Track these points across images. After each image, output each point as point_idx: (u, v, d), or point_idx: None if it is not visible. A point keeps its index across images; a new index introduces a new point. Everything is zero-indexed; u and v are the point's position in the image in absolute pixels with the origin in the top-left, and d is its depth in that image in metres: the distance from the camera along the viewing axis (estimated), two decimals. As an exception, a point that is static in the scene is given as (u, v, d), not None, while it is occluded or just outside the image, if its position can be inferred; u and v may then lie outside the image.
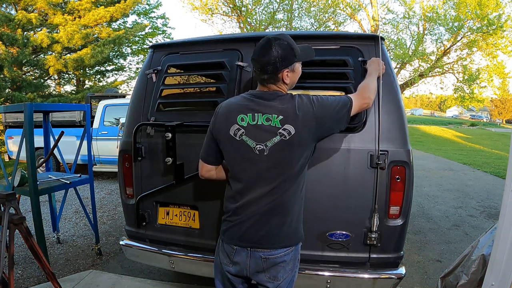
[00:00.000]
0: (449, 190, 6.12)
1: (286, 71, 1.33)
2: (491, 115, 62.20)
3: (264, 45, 1.31)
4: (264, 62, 1.31)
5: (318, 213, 1.82)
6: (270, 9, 16.73)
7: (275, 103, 1.31)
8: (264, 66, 1.31)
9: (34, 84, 11.18)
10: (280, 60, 1.30)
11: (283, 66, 1.31)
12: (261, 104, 1.32)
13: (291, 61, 1.33)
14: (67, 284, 2.56)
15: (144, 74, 2.15)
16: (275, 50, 1.29)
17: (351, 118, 1.43)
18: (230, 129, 1.32)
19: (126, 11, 12.55)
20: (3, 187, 2.72)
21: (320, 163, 1.80)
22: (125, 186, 2.20)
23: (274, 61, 1.30)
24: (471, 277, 1.88)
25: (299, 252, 1.45)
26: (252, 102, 1.34)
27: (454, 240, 3.70)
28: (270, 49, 1.29)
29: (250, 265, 1.36)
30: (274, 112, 1.29)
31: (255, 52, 1.34)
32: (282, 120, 1.28)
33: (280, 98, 1.33)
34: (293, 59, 1.33)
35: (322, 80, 2.10)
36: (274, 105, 1.31)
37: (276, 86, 1.36)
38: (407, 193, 1.77)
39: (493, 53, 14.33)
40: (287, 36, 1.35)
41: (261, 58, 1.31)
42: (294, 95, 1.35)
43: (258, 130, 1.29)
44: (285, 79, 1.34)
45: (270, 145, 1.29)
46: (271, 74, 1.32)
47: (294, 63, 1.35)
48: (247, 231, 1.34)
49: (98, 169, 6.32)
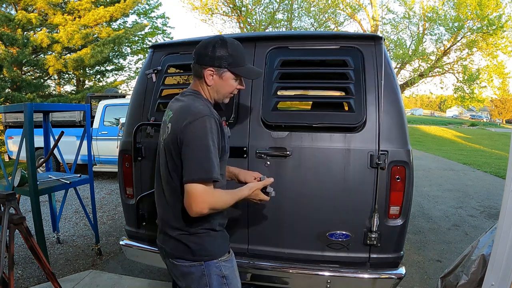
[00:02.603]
0: (449, 190, 6.12)
1: (211, 71, 1.25)
2: (491, 115, 62.19)
3: (210, 38, 1.27)
4: (197, 50, 1.27)
5: (318, 213, 1.82)
6: (270, 9, 16.73)
7: (181, 98, 1.30)
8: (194, 54, 1.28)
9: (34, 84, 11.17)
10: (210, 56, 1.23)
11: (210, 63, 1.23)
12: (174, 100, 1.34)
13: (221, 64, 1.23)
14: (67, 284, 2.56)
15: (144, 74, 2.15)
16: (214, 45, 1.23)
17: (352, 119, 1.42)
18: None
19: (126, 11, 12.54)
20: (3, 187, 2.72)
21: (320, 163, 1.80)
22: (125, 186, 2.20)
23: (204, 53, 1.24)
24: (471, 277, 1.88)
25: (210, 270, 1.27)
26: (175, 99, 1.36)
27: (454, 240, 3.70)
28: (211, 43, 1.25)
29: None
30: (171, 108, 1.30)
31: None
32: (172, 117, 1.25)
33: (188, 96, 1.29)
34: (224, 64, 1.24)
35: (322, 80, 2.11)
36: (178, 101, 1.30)
37: (198, 83, 1.30)
38: (407, 193, 1.77)
39: (493, 53, 14.33)
40: (238, 45, 1.27)
41: (198, 46, 1.28)
42: (197, 98, 1.27)
43: (163, 125, 1.33)
44: (207, 78, 1.25)
45: (164, 137, 1.27)
46: (196, 65, 1.27)
47: (224, 69, 1.25)
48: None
49: (98, 169, 6.32)
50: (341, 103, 2.22)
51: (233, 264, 1.36)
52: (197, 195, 1.12)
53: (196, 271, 1.28)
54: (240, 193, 1.27)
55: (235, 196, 1.25)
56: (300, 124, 1.86)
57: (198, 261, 1.27)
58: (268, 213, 1.89)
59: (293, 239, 1.89)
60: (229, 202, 1.22)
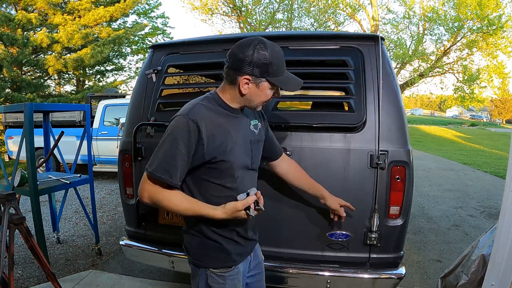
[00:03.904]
0: (449, 190, 6.12)
1: (247, 79, 1.12)
2: (491, 115, 62.18)
3: (249, 40, 1.12)
4: (232, 52, 1.13)
5: (318, 213, 1.82)
6: (270, 9, 16.74)
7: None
8: (229, 56, 1.14)
9: (33, 84, 11.17)
10: (249, 61, 1.09)
11: (247, 71, 1.10)
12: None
13: (259, 73, 1.10)
14: (67, 284, 2.56)
15: (144, 74, 2.15)
16: (254, 49, 1.09)
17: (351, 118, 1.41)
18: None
19: (126, 11, 12.54)
20: (3, 187, 2.72)
21: (320, 163, 1.80)
22: (125, 186, 2.20)
23: (241, 57, 1.10)
24: (471, 277, 1.87)
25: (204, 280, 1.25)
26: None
27: (454, 240, 3.70)
28: (250, 45, 1.10)
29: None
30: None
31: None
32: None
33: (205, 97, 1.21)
34: (263, 73, 1.10)
35: (322, 80, 2.11)
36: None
37: (227, 88, 1.18)
38: (407, 193, 1.77)
39: (493, 53, 14.33)
40: (279, 51, 1.13)
41: (234, 47, 1.14)
42: (203, 97, 1.20)
43: None
44: (242, 87, 1.13)
45: None
46: (230, 70, 1.14)
47: (262, 79, 1.12)
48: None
49: (98, 169, 6.32)
50: (341, 103, 2.22)
51: (227, 283, 1.23)
52: (141, 182, 1.16)
53: (192, 267, 1.30)
54: (206, 210, 1.14)
55: (196, 209, 1.14)
56: (300, 124, 1.86)
57: (190, 260, 1.29)
58: (268, 213, 1.89)
59: (293, 239, 1.89)
60: (181, 209, 1.14)
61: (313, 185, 1.56)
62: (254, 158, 1.29)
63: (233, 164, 1.19)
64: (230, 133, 1.18)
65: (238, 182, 1.22)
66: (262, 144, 1.36)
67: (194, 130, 1.10)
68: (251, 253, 1.37)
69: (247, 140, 1.25)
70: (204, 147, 1.12)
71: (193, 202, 1.16)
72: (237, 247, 1.27)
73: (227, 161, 1.17)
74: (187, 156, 1.11)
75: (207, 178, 1.19)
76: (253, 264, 1.41)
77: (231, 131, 1.18)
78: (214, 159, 1.15)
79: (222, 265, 1.24)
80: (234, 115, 1.21)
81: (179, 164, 1.11)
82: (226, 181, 1.20)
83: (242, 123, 1.25)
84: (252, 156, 1.27)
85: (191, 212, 1.15)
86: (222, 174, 1.19)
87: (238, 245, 1.27)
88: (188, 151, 1.11)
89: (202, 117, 1.12)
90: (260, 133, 1.33)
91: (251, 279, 1.41)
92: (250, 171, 1.29)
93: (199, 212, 1.14)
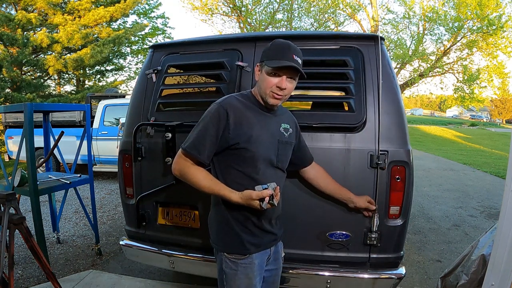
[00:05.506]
0: (449, 190, 6.12)
1: (258, 66, 1.33)
2: (491, 115, 62.16)
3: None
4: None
5: (318, 213, 1.82)
6: (270, 9, 16.73)
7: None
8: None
9: (33, 84, 11.17)
10: (262, 53, 1.31)
11: (260, 60, 1.31)
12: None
13: (262, 58, 1.31)
14: (67, 284, 2.56)
15: (144, 74, 2.15)
16: (269, 44, 1.31)
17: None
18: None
19: (126, 11, 12.55)
20: (3, 187, 2.72)
21: (320, 163, 1.79)
22: (125, 186, 2.20)
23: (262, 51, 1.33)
24: (471, 277, 1.87)
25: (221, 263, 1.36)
26: None
27: (454, 240, 3.70)
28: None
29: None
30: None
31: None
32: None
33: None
34: (264, 57, 1.30)
35: (322, 80, 2.10)
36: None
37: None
38: (407, 193, 1.77)
39: (493, 53, 14.32)
40: (283, 42, 1.31)
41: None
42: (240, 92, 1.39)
43: None
44: (256, 74, 1.34)
45: None
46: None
47: (263, 64, 1.29)
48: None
49: (98, 169, 6.32)
50: (341, 103, 2.22)
51: (239, 270, 1.30)
52: (175, 157, 1.31)
53: (214, 251, 1.42)
54: (224, 191, 1.25)
55: (216, 189, 1.26)
56: (300, 124, 1.85)
57: (212, 244, 1.41)
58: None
59: (293, 239, 1.88)
60: (202, 185, 1.26)
61: (340, 190, 1.65)
62: (280, 157, 1.37)
63: (255, 154, 1.28)
64: (256, 125, 1.29)
65: (260, 174, 1.30)
66: (290, 148, 1.44)
67: (223, 116, 1.25)
68: (270, 247, 1.41)
69: (275, 138, 1.35)
70: (229, 131, 1.25)
71: (215, 182, 1.27)
72: (252, 237, 1.32)
73: (250, 149, 1.27)
74: (215, 137, 1.25)
75: (230, 164, 1.30)
76: (272, 258, 1.45)
77: (257, 124, 1.29)
78: (238, 145, 1.26)
79: (236, 251, 1.32)
80: (263, 112, 1.34)
81: (208, 143, 1.25)
82: (248, 170, 1.29)
83: (271, 123, 1.35)
84: (278, 155, 1.35)
85: (211, 191, 1.26)
86: (245, 162, 1.28)
87: (253, 235, 1.32)
88: (216, 133, 1.25)
89: (232, 106, 1.27)
90: (290, 137, 1.42)
91: (267, 273, 1.45)
92: (276, 169, 1.37)
93: (218, 192, 1.25)
